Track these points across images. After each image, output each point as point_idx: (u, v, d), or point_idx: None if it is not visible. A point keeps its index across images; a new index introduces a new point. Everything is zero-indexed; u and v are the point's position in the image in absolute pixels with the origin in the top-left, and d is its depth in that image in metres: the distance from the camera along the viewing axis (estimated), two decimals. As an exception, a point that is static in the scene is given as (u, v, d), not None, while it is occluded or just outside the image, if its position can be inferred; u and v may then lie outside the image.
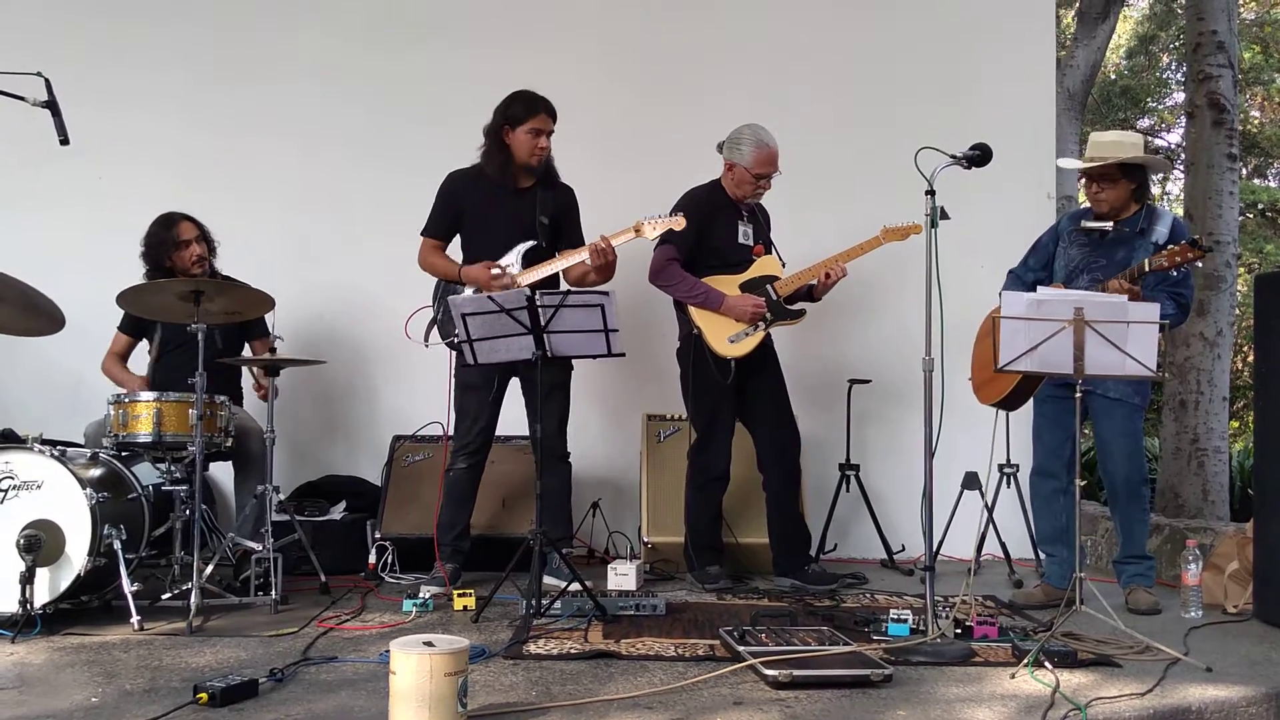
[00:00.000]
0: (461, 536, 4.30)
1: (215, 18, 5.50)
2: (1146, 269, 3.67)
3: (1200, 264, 3.66)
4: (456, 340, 3.93)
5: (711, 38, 5.60)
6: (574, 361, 4.28)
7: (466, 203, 4.29)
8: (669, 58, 5.57)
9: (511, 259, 4.17)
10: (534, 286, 3.96)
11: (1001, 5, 5.67)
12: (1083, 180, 4.08)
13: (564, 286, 4.23)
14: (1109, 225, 3.97)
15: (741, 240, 4.43)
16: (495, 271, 4.12)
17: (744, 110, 4.50)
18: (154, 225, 4.48)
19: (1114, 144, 3.97)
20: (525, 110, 4.17)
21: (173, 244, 4.44)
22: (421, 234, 4.33)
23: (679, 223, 4.12)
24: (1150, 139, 14.54)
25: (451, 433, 4.29)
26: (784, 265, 4.46)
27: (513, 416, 4.35)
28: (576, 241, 4.27)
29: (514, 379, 4.28)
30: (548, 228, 4.25)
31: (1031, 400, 3.98)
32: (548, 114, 4.19)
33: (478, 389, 4.22)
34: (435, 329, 4.23)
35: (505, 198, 4.24)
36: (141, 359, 4.68)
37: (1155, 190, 15.20)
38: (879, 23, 5.65)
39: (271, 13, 5.54)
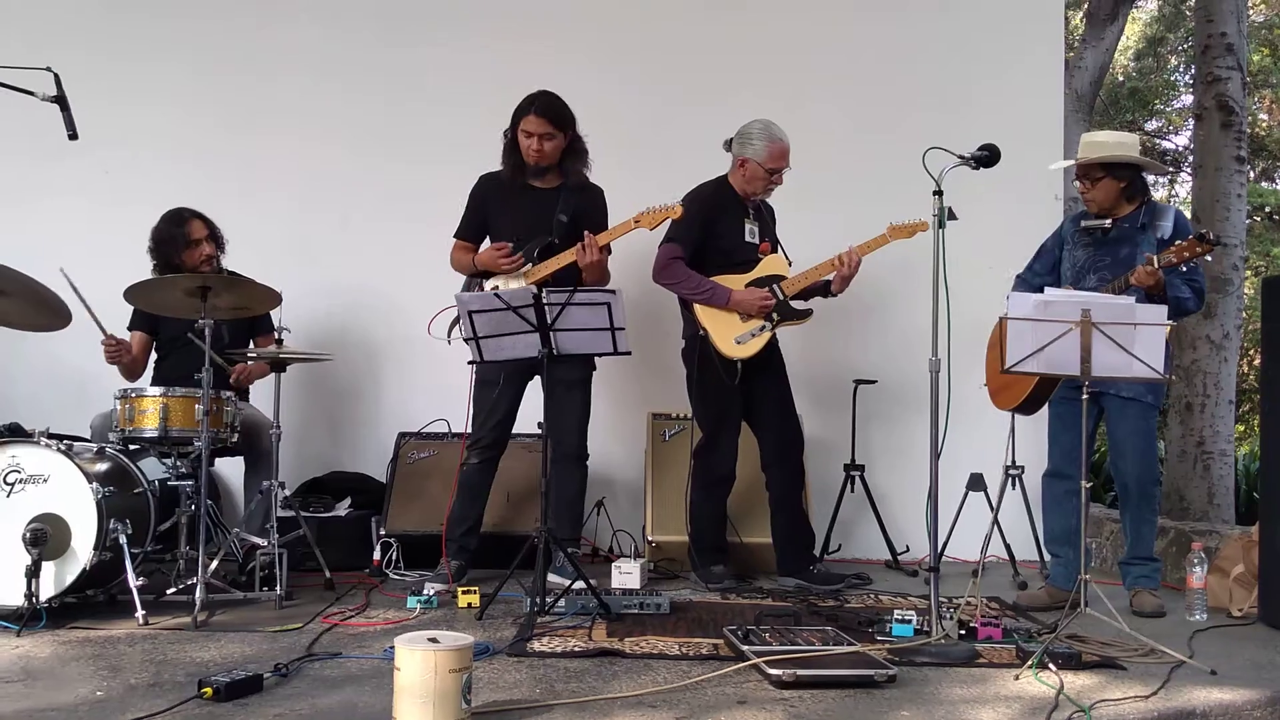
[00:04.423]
0: (470, 533, 4.29)
1: (223, 11, 5.49)
2: (1155, 265, 3.66)
3: (1210, 258, 3.65)
4: (465, 337, 3.94)
5: (721, 37, 5.58)
6: (583, 360, 4.27)
7: (490, 203, 4.33)
8: (678, 57, 5.55)
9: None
10: (547, 283, 3.95)
11: (1010, 7, 5.66)
12: (1076, 181, 4.09)
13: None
14: (1108, 223, 3.97)
15: (748, 239, 4.40)
16: (504, 251, 4.15)
17: (752, 110, 4.48)
18: (163, 221, 4.44)
19: (1098, 144, 3.98)
20: (518, 111, 4.20)
21: (183, 242, 4.40)
22: (454, 236, 4.38)
23: (676, 211, 4.08)
24: (1156, 141, 14.50)
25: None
26: (790, 264, 4.46)
27: (524, 414, 4.33)
28: None
29: (536, 376, 4.26)
30: (565, 225, 4.23)
31: (1046, 403, 3.98)
32: (538, 115, 4.15)
33: (493, 385, 4.22)
34: (458, 326, 4.23)
35: (525, 196, 4.26)
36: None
37: (1162, 193, 15.16)
38: (887, 24, 5.63)
39: (280, 6, 5.54)
